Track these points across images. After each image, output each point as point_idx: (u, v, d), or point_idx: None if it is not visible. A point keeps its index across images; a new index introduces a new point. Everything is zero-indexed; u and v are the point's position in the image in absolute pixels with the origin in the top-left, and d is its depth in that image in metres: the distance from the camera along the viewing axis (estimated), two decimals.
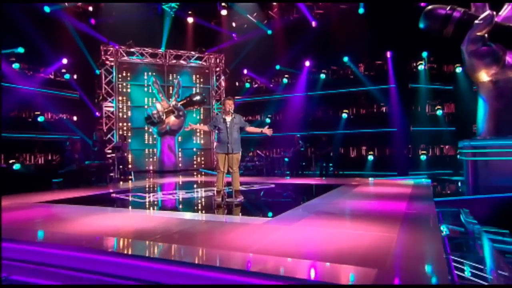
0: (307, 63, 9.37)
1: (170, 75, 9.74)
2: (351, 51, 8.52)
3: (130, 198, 3.96)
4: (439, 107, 8.31)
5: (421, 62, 8.23)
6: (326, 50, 8.56)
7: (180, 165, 9.24)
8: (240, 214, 3.06)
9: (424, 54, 8.18)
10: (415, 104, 8.53)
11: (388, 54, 8.45)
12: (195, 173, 8.49)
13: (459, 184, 4.84)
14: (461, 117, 7.97)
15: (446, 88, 8.32)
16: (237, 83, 10.43)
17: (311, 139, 8.75)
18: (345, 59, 8.80)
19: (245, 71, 10.11)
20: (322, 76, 9.15)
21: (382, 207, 3.29)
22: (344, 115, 8.89)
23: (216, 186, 3.61)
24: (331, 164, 7.82)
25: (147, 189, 5.06)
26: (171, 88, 9.49)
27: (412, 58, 8.50)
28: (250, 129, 3.48)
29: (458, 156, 4.67)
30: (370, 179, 6.43)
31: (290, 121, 9.16)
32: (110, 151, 7.83)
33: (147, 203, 3.67)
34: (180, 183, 6.04)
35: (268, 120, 9.45)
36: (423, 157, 8.07)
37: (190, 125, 3.37)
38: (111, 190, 4.74)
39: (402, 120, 8.21)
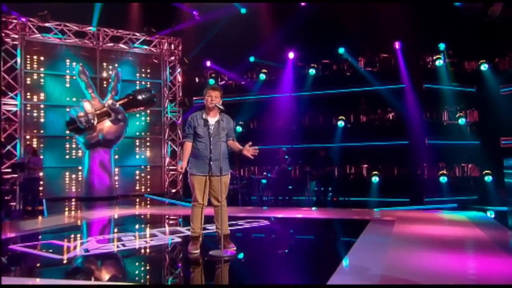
0: (292, 55, 9.37)
1: (105, 63, 9.40)
2: (348, 40, 8.64)
3: (37, 252, 3.28)
4: (461, 114, 8.52)
5: (438, 56, 8.43)
6: (316, 38, 8.64)
7: (117, 189, 8.92)
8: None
9: (442, 46, 8.42)
10: (430, 110, 8.82)
11: (397, 45, 8.57)
12: (138, 201, 8.33)
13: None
14: (486, 128, 8.32)
15: (467, 90, 8.64)
16: (197, 79, 10.33)
17: (301, 154, 8.71)
18: (341, 50, 8.90)
19: (208, 63, 10.01)
20: (311, 71, 9.29)
21: (480, 270, 2.88)
22: (340, 123, 8.89)
23: (191, 228, 3.23)
24: (330, 188, 7.75)
25: (66, 231, 4.47)
26: (105, 81, 9.30)
27: (426, 51, 8.73)
28: (233, 144, 3.23)
29: (505, 179, 4.68)
30: (388, 209, 6.56)
31: (271, 130, 9.26)
32: (9, 170, 7.22)
33: (64, 262, 3.01)
34: (120, 218, 5.65)
35: (239, 129, 9.41)
36: (443, 179, 8.10)
37: (182, 166, 3.09)
38: (8, 235, 3.99)
39: (415, 131, 8.36)
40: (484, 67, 8.42)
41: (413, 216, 5.78)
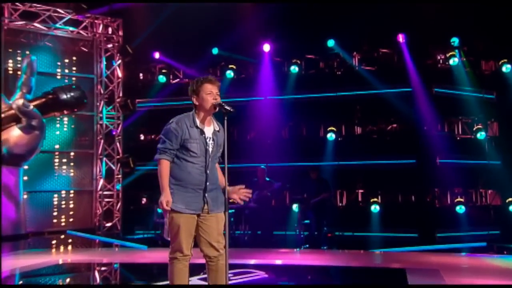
0: (267, 47, 9.35)
1: (11, 49, 8.76)
2: (340, 30, 8.71)
3: None
4: (479, 126, 8.58)
5: (452, 52, 8.52)
6: (299, 27, 8.68)
7: (26, 224, 8.27)
8: None
9: (455, 40, 8.60)
10: (442, 121, 8.91)
11: (400, 38, 8.70)
12: (57, 241, 7.96)
13: None
14: (509, 144, 8.47)
15: (485, 97, 8.82)
16: (141, 75, 10.32)
17: (284, 176, 8.64)
18: (330, 43, 9.05)
19: (157, 55, 9.92)
20: (293, 69, 9.28)
21: None
22: (330, 136, 8.98)
23: None
24: (325, 221, 7.79)
25: None
26: (14, 74, 8.61)
27: (437, 46, 8.87)
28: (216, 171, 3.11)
29: None
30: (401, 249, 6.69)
31: (240, 143, 9.27)
32: None
33: None
34: (26, 273, 5.18)
35: None
36: (460, 209, 8.09)
37: (168, 200, 2.92)
38: None
39: (423, 147, 8.41)
40: (506, 68, 8.50)
41: (455, 263, 5.90)
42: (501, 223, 8.06)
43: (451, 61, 8.59)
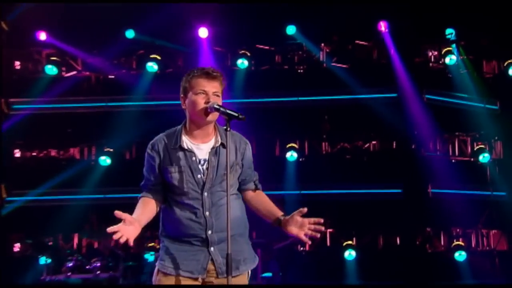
0: (204, 33, 9.12)
1: None
2: (303, 15, 8.72)
3: None
4: (482, 146, 8.70)
5: (448, 48, 8.63)
6: (248, 8, 8.61)
7: None
8: None
9: (452, 33, 8.74)
10: (434, 138, 9.04)
11: (382, 26, 8.76)
12: None
13: None
14: None
15: (487, 107, 9.01)
16: (20, 63, 9.71)
17: None
18: (291, 30, 8.93)
19: (43, 36, 9.22)
20: (241, 63, 9.07)
21: None
22: (290, 156, 8.78)
23: None
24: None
25: None
26: None
27: (428, 39, 9.02)
28: (260, 200, 3.17)
29: None
30: None
31: None
32: None
33: None
34: None
35: (104, 162, 8.89)
36: (460, 256, 8.13)
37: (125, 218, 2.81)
38: None
39: (411, 172, 8.46)
40: None
41: None
42: (508, 273, 8.17)
43: (447, 60, 8.68)
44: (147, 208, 2.93)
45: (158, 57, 9.17)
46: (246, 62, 9.05)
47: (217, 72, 2.93)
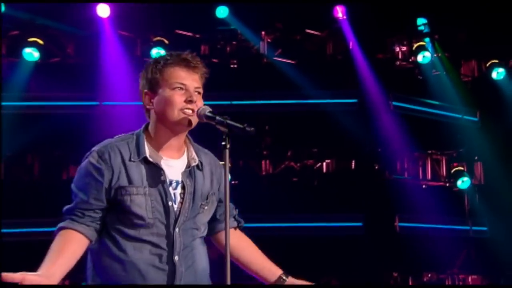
0: (105, 11, 8.79)
1: None
2: None
3: None
4: (460, 168, 8.85)
5: (421, 43, 8.72)
6: None
7: None
8: None
9: (425, 24, 8.88)
10: (402, 156, 9.15)
11: (339, 12, 8.77)
12: None
13: None
14: (499, 200, 8.78)
15: (465, 119, 9.17)
16: None
17: None
18: (222, 12, 8.82)
19: None
20: (157, 54, 8.79)
21: None
22: None
23: None
24: None
25: None
26: None
27: (396, 31, 9.10)
28: (242, 244, 3.20)
29: None
30: None
31: (56, 189, 8.70)
32: None
33: None
34: None
35: None
36: None
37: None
38: None
39: (373, 200, 8.56)
40: (498, 73, 8.80)
41: None
42: None
43: (419, 57, 8.73)
44: (70, 249, 2.76)
45: (40, 41, 8.78)
46: (162, 53, 8.74)
47: (198, 60, 2.89)
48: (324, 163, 9.16)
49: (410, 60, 9.05)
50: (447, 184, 9.03)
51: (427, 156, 9.25)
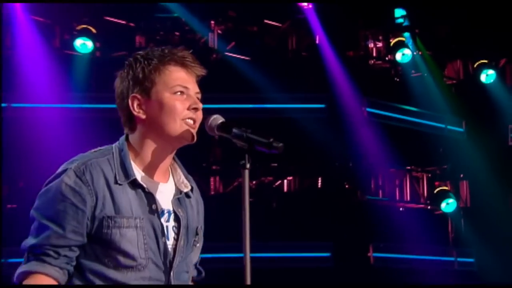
0: None
1: None
2: None
3: None
4: (445, 188, 8.92)
5: (400, 39, 8.78)
6: None
7: None
8: None
9: (403, 16, 9.05)
10: (375, 175, 9.31)
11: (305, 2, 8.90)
12: None
13: None
14: (488, 225, 8.85)
15: (449, 129, 9.26)
16: None
17: None
18: None
19: None
20: (82, 46, 8.80)
21: None
22: None
23: None
24: None
25: None
26: None
27: (367, 23, 9.25)
28: None
29: None
30: None
31: None
32: None
33: None
34: None
35: None
36: None
37: None
38: None
39: (342, 226, 8.61)
40: (486, 76, 8.90)
41: None
42: None
43: (397, 56, 8.75)
44: None
45: None
46: (89, 44, 8.66)
47: (196, 59, 2.77)
48: (285, 181, 9.19)
49: (387, 58, 9.09)
50: (429, 207, 9.00)
51: (406, 173, 9.33)
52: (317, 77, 8.85)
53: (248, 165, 2.46)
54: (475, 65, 9.03)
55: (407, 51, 8.69)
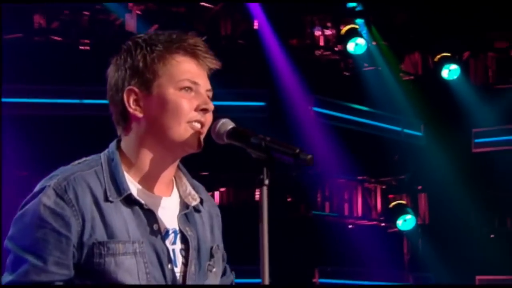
0: None
1: None
2: None
3: None
4: (401, 202, 8.96)
5: (352, 26, 8.94)
6: None
7: None
8: None
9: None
10: (322, 184, 9.36)
11: None
12: None
13: None
14: (446, 244, 9.16)
15: (406, 132, 9.39)
16: None
17: None
18: None
19: None
20: None
21: None
22: None
23: None
24: None
25: None
26: None
27: (313, 8, 9.34)
28: None
29: None
30: None
31: None
32: None
33: None
34: None
35: None
36: None
37: None
38: None
39: (282, 248, 8.56)
40: (449, 72, 9.08)
41: None
42: None
43: (349, 46, 8.85)
44: None
45: None
46: None
47: (208, 49, 2.59)
48: (217, 193, 9.34)
49: (336, 49, 8.98)
50: (383, 224, 8.98)
51: (357, 184, 9.53)
52: (256, 69, 9.09)
53: (267, 181, 2.26)
54: (435, 59, 9.02)
55: (360, 41, 8.72)
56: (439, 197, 9.32)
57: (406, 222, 8.73)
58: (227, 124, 2.43)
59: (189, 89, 2.49)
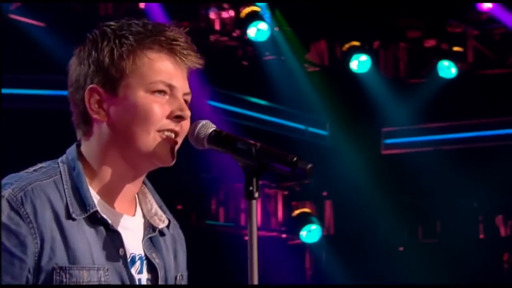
0: None
1: None
2: None
3: None
4: (305, 210, 9.26)
5: (253, 8, 9.17)
6: None
7: None
8: None
9: None
10: (217, 189, 9.56)
11: None
12: None
13: None
14: (353, 263, 9.45)
15: (310, 131, 9.43)
16: None
17: None
18: None
19: None
20: None
21: None
22: None
23: None
24: None
25: None
26: None
27: None
28: None
29: None
30: None
31: None
32: None
33: None
34: None
35: None
36: None
37: None
38: None
39: None
40: (359, 63, 9.43)
41: None
42: None
43: (250, 31, 9.08)
44: None
45: None
46: None
47: (190, 44, 2.55)
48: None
49: (234, 34, 9.08)
50: (284, 235, 9.11)
51: (261, 190, 9.23)
52: None
53: (256, 194, 2.18)
54: (343, 48, 9.17)
55: (262, 26, 8.78)
56: (346, 205, 9.53)
57: (310, 233, 8.89)
58: (207, 126, 2.37)
59: (162, 92, 2.44)
